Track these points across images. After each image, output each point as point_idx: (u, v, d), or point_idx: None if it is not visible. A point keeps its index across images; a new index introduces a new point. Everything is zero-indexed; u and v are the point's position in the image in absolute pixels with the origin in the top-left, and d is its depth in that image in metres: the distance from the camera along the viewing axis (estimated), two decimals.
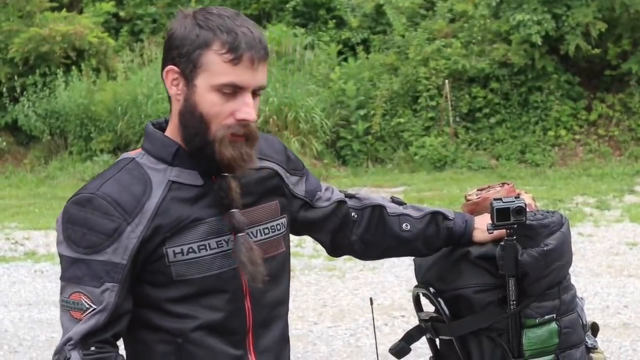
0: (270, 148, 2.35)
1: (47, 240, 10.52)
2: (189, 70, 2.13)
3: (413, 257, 2.64)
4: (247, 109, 2.11)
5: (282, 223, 2.29)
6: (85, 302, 2.09)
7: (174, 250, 2.12)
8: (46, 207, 12.95)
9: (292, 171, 2.37)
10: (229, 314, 2.16)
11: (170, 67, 2.16)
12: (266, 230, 2.25)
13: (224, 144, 2.11)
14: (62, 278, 2.14)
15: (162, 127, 2.25)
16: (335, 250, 2.53)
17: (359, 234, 2.49)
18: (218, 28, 2.11)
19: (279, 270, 2.28)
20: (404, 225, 2.49)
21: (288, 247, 2.33)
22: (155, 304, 2.15)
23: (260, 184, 2.27)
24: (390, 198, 2.58)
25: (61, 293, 2.13)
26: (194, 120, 2.13)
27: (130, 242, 2.10)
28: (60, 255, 2.14)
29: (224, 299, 2.16)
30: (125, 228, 2.09)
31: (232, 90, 2.11)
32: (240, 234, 2.14)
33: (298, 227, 2.42)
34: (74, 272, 2.11)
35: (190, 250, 2.12)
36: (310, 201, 2.40)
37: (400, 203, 2.56)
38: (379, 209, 2.50)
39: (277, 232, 2.27)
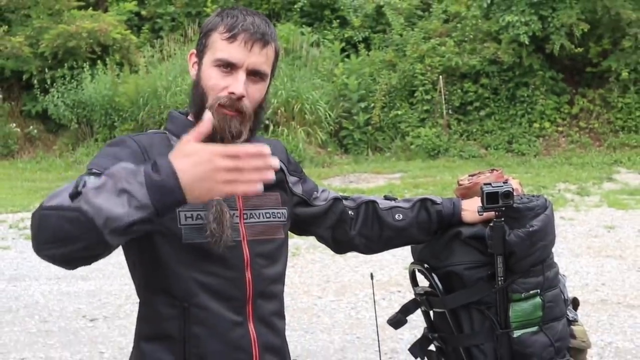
0: (273, 148, 2.36)
1: None
2: (201, 50, 2.18)
3: None
4: (236, 83, 2.12)
5: (282, 213, 2.30)
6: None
7: (185, 214, 2.11)
8: None
9: (292, 172, 2.40)
10: (231, 281, 2.16)
11: (192, 51, 2.23)
12: (267, 215, 2.26)
13: (211, 113, 2.10)
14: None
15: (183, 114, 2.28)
16: (338, 246, 2.56)
17: (357, 229, 2.52)
18: (227, 15, 2.17)
19: (277, 252, 2.29)
20: (396, 215, 2.53)
21: (286, 236, 2.34)
22: (164, 268, 2.13)
23: None
24: (384, 196, 2.62)
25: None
26: (197, 93, 2.17)
27: None
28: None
29: (227, 266, 2.16)
30: None
31: (228, 68, 2.13)
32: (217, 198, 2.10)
33: (299, 224, 2.44)
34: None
35: (199, 217, 2.12)
36: (307, 200, 2.44)
37: (392, 199, 2.60)
38: (371, 204, 2.54)
39: (277, 220, 2.28)
